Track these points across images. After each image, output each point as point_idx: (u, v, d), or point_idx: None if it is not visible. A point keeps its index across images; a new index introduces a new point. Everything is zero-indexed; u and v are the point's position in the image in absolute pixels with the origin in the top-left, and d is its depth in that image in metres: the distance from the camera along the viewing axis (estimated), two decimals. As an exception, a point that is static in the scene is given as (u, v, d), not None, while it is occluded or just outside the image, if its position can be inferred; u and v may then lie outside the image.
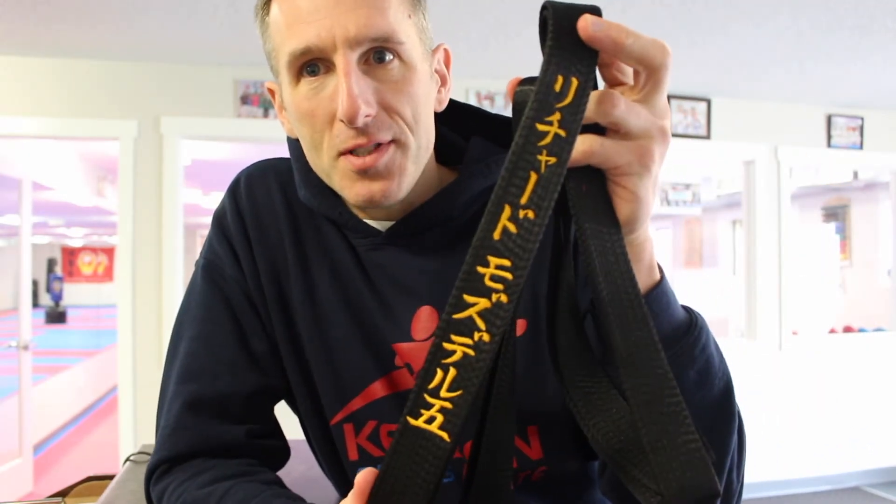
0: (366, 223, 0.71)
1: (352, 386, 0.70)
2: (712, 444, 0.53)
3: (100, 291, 17.03)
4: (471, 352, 0.39)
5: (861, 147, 4.06)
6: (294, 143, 0.74)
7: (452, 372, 0.40)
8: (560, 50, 0.39)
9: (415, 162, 0.65)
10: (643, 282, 0.49)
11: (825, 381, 3.98)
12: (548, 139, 0.39)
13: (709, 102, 3.77)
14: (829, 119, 4.00)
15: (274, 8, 0.63)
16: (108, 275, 18.02)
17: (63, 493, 1.47)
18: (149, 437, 1.96)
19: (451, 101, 0.76)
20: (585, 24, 0.38)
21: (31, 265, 3.91)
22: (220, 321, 0.72)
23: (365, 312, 0.70)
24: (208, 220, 1.08)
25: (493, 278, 0.39)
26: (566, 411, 0.67)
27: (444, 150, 0.75)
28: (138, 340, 3.14)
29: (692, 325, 0.52)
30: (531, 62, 3.23)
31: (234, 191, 0.77)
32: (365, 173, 0.62)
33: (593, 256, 0.42)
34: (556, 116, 0.38)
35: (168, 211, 3.15)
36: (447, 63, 0.72)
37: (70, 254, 17.94)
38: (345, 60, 0.59)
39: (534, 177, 0.39)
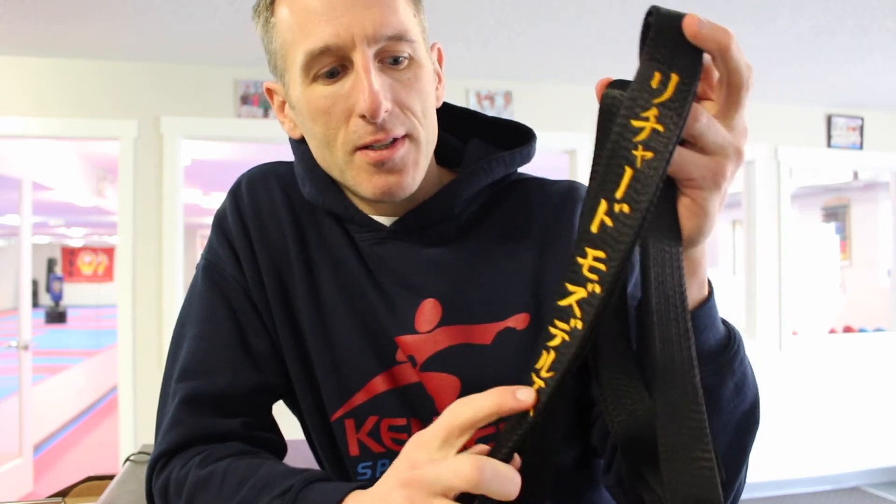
0: (370, 218, 0.72)
1: (353, 381, 0.71)
2: (736, 447, 0.56)
3: (100, 291, 17.01)
4: (567, 337, 0.42)
5: (861, 147, 4.06)
6: (297, 143, 0.75)
7: (553, 355, 0.43)
8: (659, 46, 0.39)
9: (425, 156, 0.67)
10: (694, 296, 0.51)
11: (825, 381, 3.98)
12: (643, 135, 0.39)
13: (709, 102, 3.77)
14: (829, 119, 4.00)
15: (282, 9, 0.64)
16: (108, 275, 18.01)
17: (63, 493, 1.47)
18: (149, 437, 1.96)
19: (449, 105, 0.77)
20: (693, 20, 0.39)
21: (31, 265, 3.91)
22: (221, 321, 0.72)
23: (367, 306, 0.71)
24: (208, 220, 1.08)
25: (591, 269, 0.41)
26: (565, 403, 0.68)
27: (442, 153, 0.76)
28: (138, 340, 3.14)
29: (732, 339, 0.54)
30: (531, 62, 3.24)
31: (234, 192, 0.77)
32: (382, 166, 0.63)
33: (650, 265, 0.44)
34: (653, 112, 0.39)
35: (168, 211, 3.15)
36: (440, 61, 0.74)
37: (70, 254, 17.94)
38: (364, 57, 0.60)
39: (629, 172, 0.39)
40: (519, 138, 0.77)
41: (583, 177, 3.62)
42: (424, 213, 0.71)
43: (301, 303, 0.72)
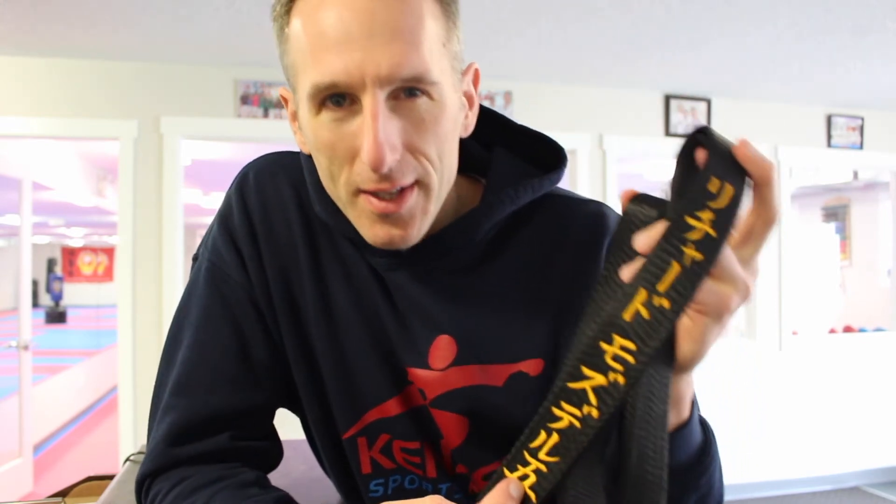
0: None
1: (366, 400, 0.68)
2: None
3: (100, 291, 17.00)
4: (577, 423, 0.40)
5: (861, 147, 4.06)
6: (309, 157, 0.68)
7: (555, 437, 0.41)
8: (719, 158, 0.40)
9: (436, 201, 0.62)
10: (676, 417, 0.52)
11: (825, 381, 3.98)
12: (697, 234, 0.39)
13: (709, 102, 3.77)
14: (829, 119, 4.00)
15: (296, 22, 0.58)
16: (108, 275, 18.00)
17: (63, 493, 1.47)
18: (149, 437, 1.95)
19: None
20: (745, 143, 0.40)
21: (31, 265, 3.91)
22: (220, 330, 0.68)
23: (382, 329, 0.68)
24: (208, 220, 1.07)
25: (615, 358, 0.40)
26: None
27: (462, 158, 0.70)
28: (138, 340, 3.14)
29: (704, 453, 0.55)
30: (531, 62, 3.24)
31: (241, 188, 0.71)
32: (386, 217, 0.59)
33: (640, 389, 0.44)
34: (708, 215, 0.39)
35: (168, 211, 3.15)
36: (476, 83, 0.68)
37: (70, 254, 17.93)
38: (373, 101, 0.54)
39: (676, 267, 0.39)
40: (544, 149, 0.72)
41: (581, 176, 3.62)
42: (444, 241, 0.66)
43: (311, 314, 0.68)
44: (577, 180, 3.61)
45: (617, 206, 0.56)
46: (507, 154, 0.72)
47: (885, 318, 4.82)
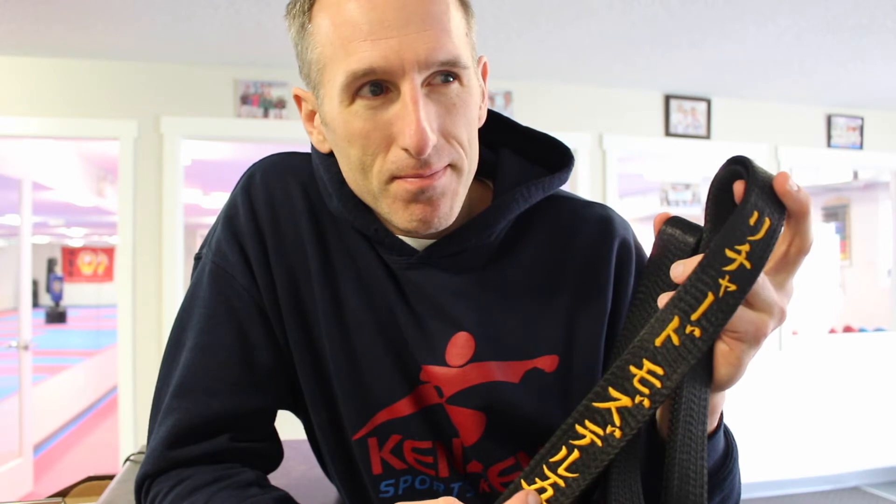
0: (402, 241, 0.67)
1: (377, 401, 0.68)
2: None
3: (100, 291, 17.02)
4: (599, 442, 0.42)
5: (861, 147, 4.06)
6: (324, 156, 0.69)
7: (576, 454, 0.42)
8: (760, 191, 0.41)
9: (465, 185, 0.64)
10: (708, 428, 0.54)
11: (825, 381, 3.98)
12: (733, 266, 0.40)
13: (709, 102, 3.77)
14: (829, 119, 4.00)
15: (322, 18, 0.58)
16: (108, 275, 18.01)
17: (63, 493, 1.47)
18: (149, 437, 1.95)
19: None
20: (785, 177, 0.42)
21: (31, 265, 3.91)
22: (223, 333, 0.68)
23: (395, 329, 0.68)
24: (208, 220, 1.05)
25: (642, 381, 0.41)
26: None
27: None
28: (138, 340, 3.14)
29: (728, 458, 0.57)
30: (531, 62, 3.24)
31: (247, 188, 0.70)
32: (422, 194, 0.59)
33: (682, 403, 0.45)
34: (746, 247, 0.40)
35: (168, 211, 3.15)
36: (484, 76, 0.70)
37: (70, 254, 17.94)
38: (412, 86, 0.56)
39: (710, 297, 0.40)
40: (549, 150, 0.73)
41: (581, 176, 3.62)
42: (460, 240, 0.67)
43: (320, 315, 0.68)
44: (577, 180, 3.61)
45: (616, 207, 0.57)
46: (514, 155, 0.73)
47: (885, 318, 4.83)
